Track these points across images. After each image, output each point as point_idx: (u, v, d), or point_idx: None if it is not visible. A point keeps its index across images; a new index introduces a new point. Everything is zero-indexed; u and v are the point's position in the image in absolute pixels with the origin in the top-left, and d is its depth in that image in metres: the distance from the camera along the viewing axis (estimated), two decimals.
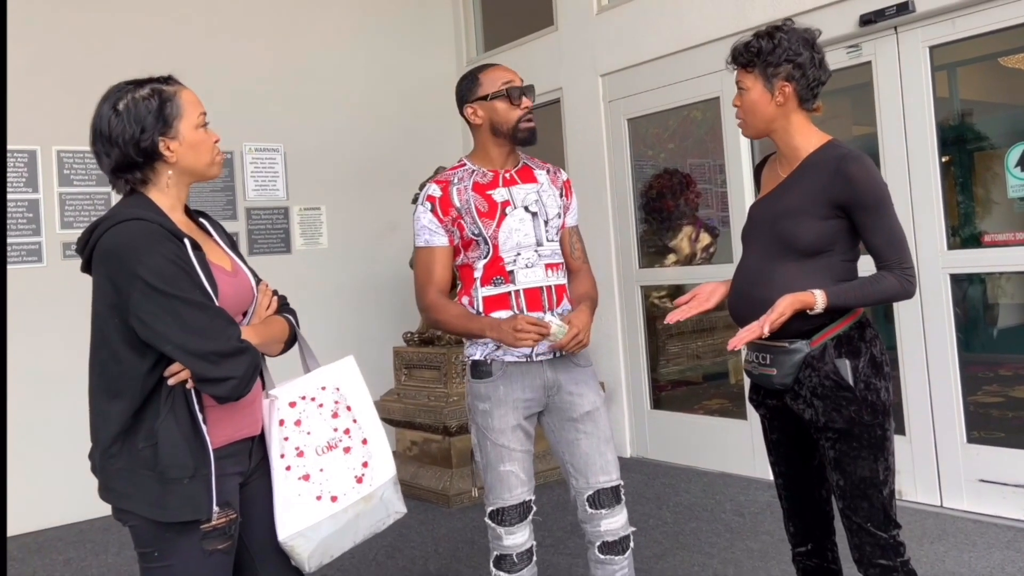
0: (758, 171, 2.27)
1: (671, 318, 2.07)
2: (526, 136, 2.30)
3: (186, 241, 1.67)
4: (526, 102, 2.29)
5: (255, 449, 1.83)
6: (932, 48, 3.88)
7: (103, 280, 1.64)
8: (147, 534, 1.67)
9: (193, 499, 1.63)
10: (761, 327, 1.89)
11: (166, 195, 1.75)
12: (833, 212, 1.97)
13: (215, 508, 1.65)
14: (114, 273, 1.61)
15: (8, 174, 4.66)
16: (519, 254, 2.28)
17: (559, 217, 2.36)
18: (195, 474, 1.63)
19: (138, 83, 1.74)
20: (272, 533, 1.82)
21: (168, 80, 1.77)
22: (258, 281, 1.90)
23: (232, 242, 1.94)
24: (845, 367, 1.96)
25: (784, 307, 1.90)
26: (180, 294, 1.59)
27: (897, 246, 1.96)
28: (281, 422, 1.80)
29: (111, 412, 1.65)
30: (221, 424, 1.72)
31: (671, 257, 5.30)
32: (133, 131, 1.69)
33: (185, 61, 4.98)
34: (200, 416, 1.65)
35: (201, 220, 1.89)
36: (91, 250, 1.67)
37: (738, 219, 4.53)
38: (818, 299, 1.92)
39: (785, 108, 2.03)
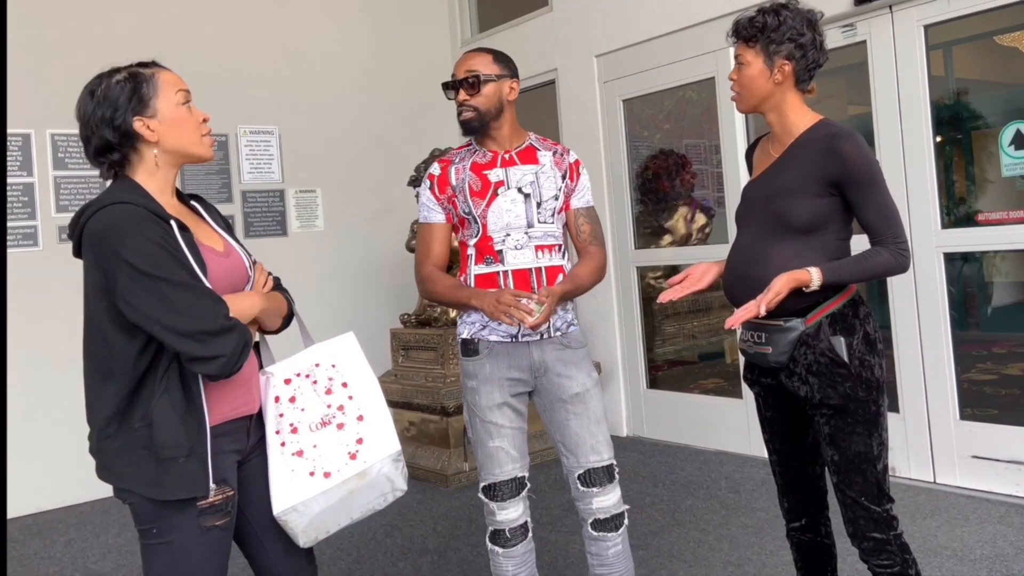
0: (749, 153, 2.29)
1: (663, 297, 2.08)
2: (462, 126, 2.36)
3: (172, 223, 1.68)
4: (461, 95, 2.33)
5: (253, 427, 1.84)
6: (927, 27, 3.88)
7: (91, 264, 1.66)
8: (146, 511, 1.69)
9: (189, 477, 1.65)
10: (758, 306, 1.91)
11: (154, 178, 1.75)
12: (826, 190, 1.98)
13: (212, 485, 1.66)
14: (100, 256, 1.62)
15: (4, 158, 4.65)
16: (508, 235, 2.30)
17: (556, 199, 2.36)
18: (191, 453, 1.64)
19: (116, 69, 1.76)
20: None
21: (149, 64, 1.78)
22: (253, 262, 1.91)
23: (227, 224, 1.95)
24: (840, 344, 1.97)
25: (780, 286, 1.92)
26: (165, 275, 1.59)
27: (890, 221, 1.97)
28: (276, 399, 1.83)
29: (105, 394, 1.67)
30: (219, 402, 1.73)
31: (667, 238, 5.31)
32: (104, 112, 1.70)
33: (179, 44, 4.95)
34: (200, 394, 1.67)
35: (193, 203, 1.89)
36: (79, 234, 1.68)
37: (733, 199, 4.54)
38: (813, 276, 1.93)
39: (782, 87, 2.04)
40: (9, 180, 4.66)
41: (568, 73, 5.54)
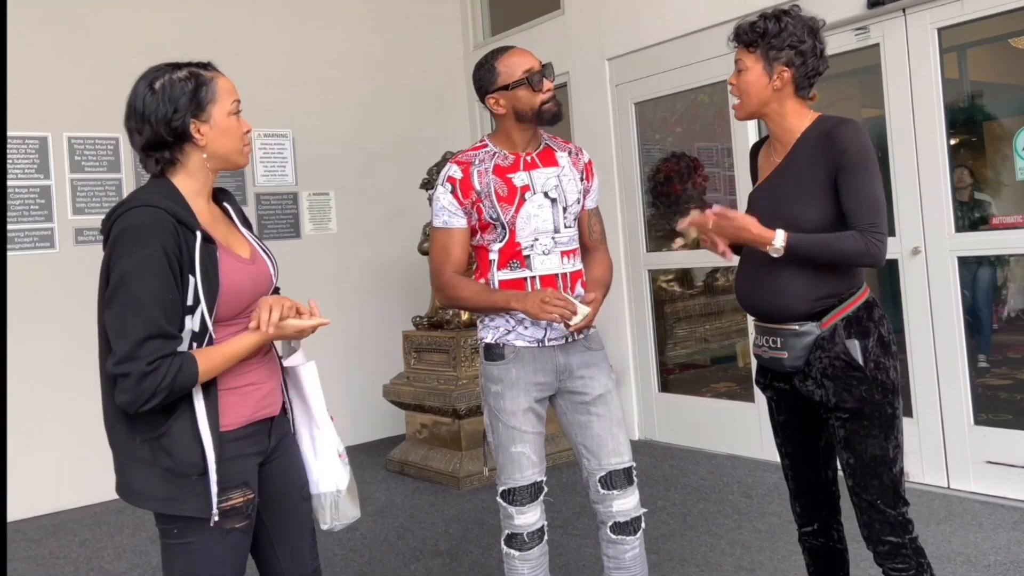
0: (754, 154, 2.27)
1: (681, 225, 2.12)
2: (551, 118, 2.29)
3: (198, 234, 1.67)
4: (547, 84, 2.27)
5: (275, 429, 1.86)
6: (941, 30, 3.86)
7: (104, 263, 1.67)
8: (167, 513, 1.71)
9: (202, 496, 1.66)
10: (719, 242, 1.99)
11: (193, 180, 1.77)
12: (832, 190, 1.97)
13: (215, 510, 1.66)
14: (112, 256, 1.64)
15: (20, 161, 4.70)
16: (536, 239, 2.28)
17: (578, 203, 2.35)
18: (205, 471, 1.65)
19: (177, 65, 1.76)
20: (292, 513, 1.88)
21: (207, 66, 1.80)
22: (276, 266, 1.90)
23: (249, 224, 1.95)
24: (855, 347, 1.97)
25: (741, 221, 1.94)
26: (139, 294, 1.59)
27: (871, 209, 1.92)
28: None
29: (113, 404, 1.67)
30: (239, 406, 1.75)
31: (678, 241, 5.31)
32: (166, 110, 1.70)
33: (193, 47, 4.97)
34: (202, 412, 1.66)
35: (225, 204, 1.90)
36: (108, 232, 1.69)
37: (746, 203, 4.53)
38: (777, 238, 1.92)
39: (780, 93, 2.03)
40: (26, 183, 4.71)
41: (580, 76, 5.55)
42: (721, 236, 1.98)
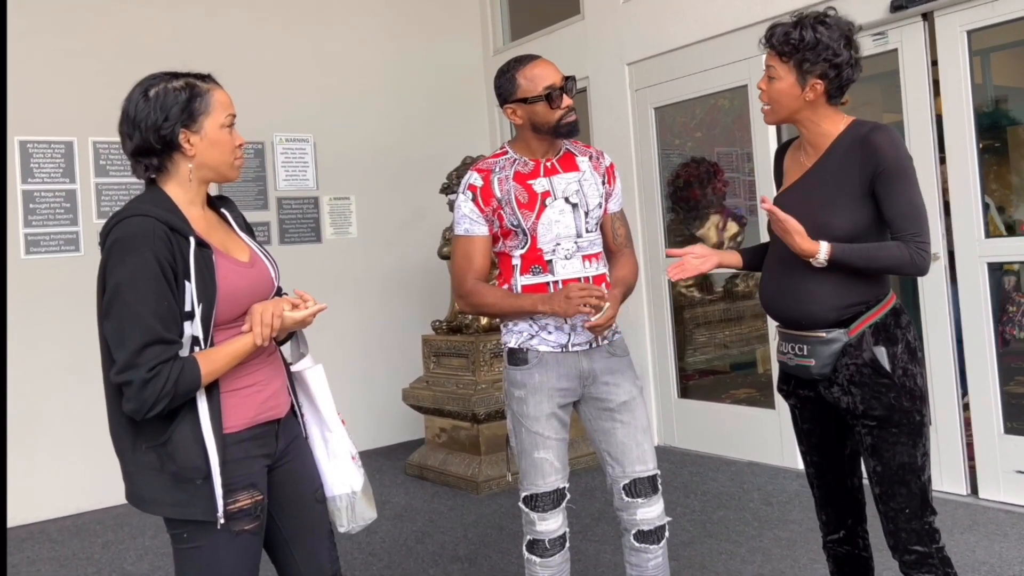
0: (779, 156, 2.23)
1: (672, 275, 2.17)
2: (567, 131, 2.29)
3: (191, 239, 1.68)
4: (566, 101, 2.26)
5: (282, 432, 1.87)
6: (970, 32, 3.82)
7: (101, 273, 1.69)
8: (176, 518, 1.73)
9: (207, 499, 1.67)
10: (795, 234, 1.94)
11: (185, 189, 1.77)
12: (866, 196, 1.94)
13: (219, 513, 1.67)
14: (106, 266, 1.67)
15: (46, 165, 4.76)
16: (558, 244, 2.28)
17: (600, 207, 2.35)
18: (209, 475, 1.66)
19: (175, 75, 1.77)
20: (306, 516, 1.89)
21: (205, 78, 1.81)
22: (277, 269, 1.91)
23: (250, 230, 1.96)
24: (882, 354, 1.95)
25: (799, 238, 1.92)
26: (134, 302, 1.61)
27: (914, 218, 1.91)
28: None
29: (117, 411, 1.70)
30: (242, 408, 1.76)
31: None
32: (156, 118, 1.72)
33: (217, 54, 5.04)
34: (205, 415, 1.67)
35: (223, 210, 1.91)
36: (103, 243, 1.71)
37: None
38: (821, 250, 1.90)
39: (813, 104, 2.00)
40: (52, 186, 4.77)
41: (600, 81, 5.55)
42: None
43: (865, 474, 2.06)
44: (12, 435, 4.43)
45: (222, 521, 1.68)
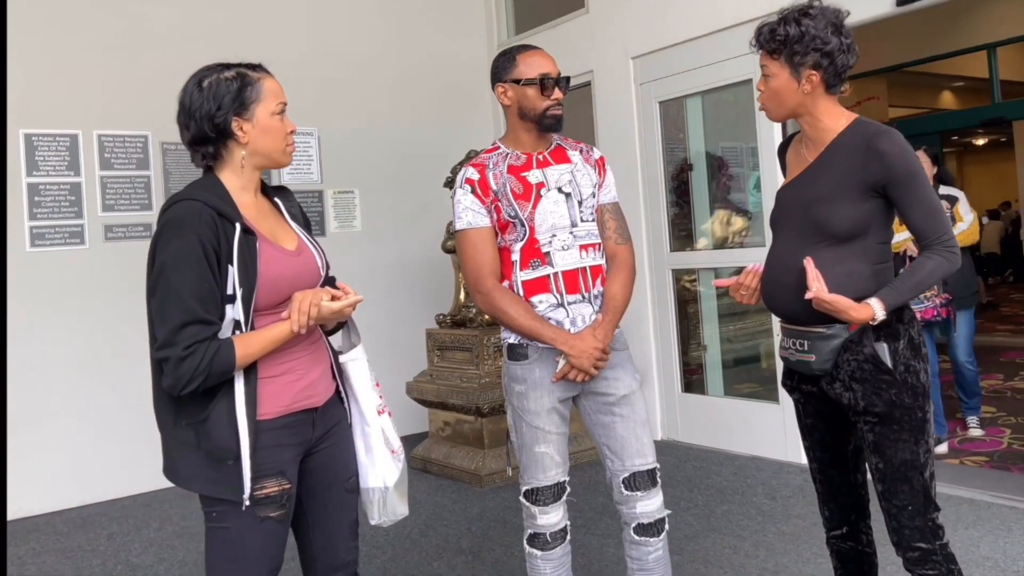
0: (782, 151, 2.23)
1: (719, 283, 2.17)
2: (551, 124, 2.32)
3: (237, 225, 1.73)
4: (557, 93, 2.30)
5: (319, 420, 1.89)
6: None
7: (150, 254, 1.74)
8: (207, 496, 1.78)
9: (238, 479, 1.72)
10: (831, 301, 1.90)
11: (239, 175, 1.84)
12: (868, 193, 1.94)
13: (246, 494, 1.71)
14: (154, 247, 1.73)
15: (51, 158, 4.76)
16: (555, 235, 2.28)
17: (593, 197, 2.36)
18: (239, 456, 1.70)
19: (227, 66, 1.85)
20: (333, 504, 1.91)
21: (256, 67, 1.88)
22: (325, 259, 1.95)
23: (306, 220, 2.01)
24: (884, 350, 1.94)
25: (840, 305, 1.88)
26: (176, 282, 1.66)
27: (934, 219, 1.94)
28: (377, 383, 1.98)
29: (160, 387, 1.74)
30: (277, 396, 1.79)
31: (702, 241, 5.28)
32: (210, 107, 1.78)
33: (221, 47, 5.01)
34: (240, 399, 1.71)
35: (276, 200, 1.96)
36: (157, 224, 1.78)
37: (770, 202, 4.50)
38: (877, 311, 1.90)
39: (812, 95, 1.99)
40: (57, 179, 4.77)
41: (604, 75, 5.54)
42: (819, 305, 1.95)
43: (868, 470, 2.06)
44: (18, 427, 4.45)
45: (247, 503, 1.72)
